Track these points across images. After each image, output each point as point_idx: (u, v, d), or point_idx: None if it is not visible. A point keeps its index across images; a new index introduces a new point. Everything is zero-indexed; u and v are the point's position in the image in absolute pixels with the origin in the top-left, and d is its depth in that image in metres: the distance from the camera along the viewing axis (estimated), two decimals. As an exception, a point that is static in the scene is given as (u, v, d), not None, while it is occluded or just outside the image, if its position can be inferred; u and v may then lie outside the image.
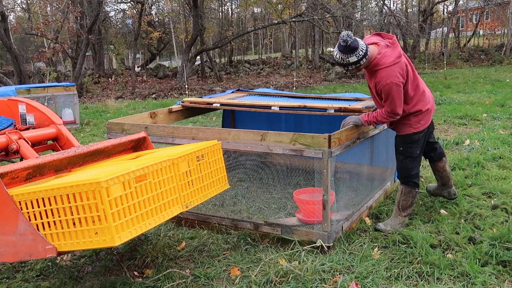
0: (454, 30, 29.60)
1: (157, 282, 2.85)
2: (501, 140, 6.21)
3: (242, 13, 31.71)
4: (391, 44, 3.27)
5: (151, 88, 18.17)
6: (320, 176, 3.11)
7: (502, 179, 4.61)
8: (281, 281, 2.78)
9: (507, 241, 3.10)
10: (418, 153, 3.49)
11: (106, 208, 2.11)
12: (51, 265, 3.18)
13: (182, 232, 3.61)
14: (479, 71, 19.15)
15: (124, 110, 11.89)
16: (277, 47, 44.69)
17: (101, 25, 22.01)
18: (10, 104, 3.96)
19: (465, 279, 2.77)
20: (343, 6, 18.08)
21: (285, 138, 3.17)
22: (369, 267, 2.91)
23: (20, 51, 21.84)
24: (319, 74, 21.84)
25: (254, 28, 22.23)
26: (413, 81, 3.32)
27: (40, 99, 8.87)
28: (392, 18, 22.63)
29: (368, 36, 3.47)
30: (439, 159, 3.82)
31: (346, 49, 3.15)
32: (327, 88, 15.75)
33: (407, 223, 3.56)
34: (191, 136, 3.50)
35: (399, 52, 3.24)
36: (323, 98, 4.66)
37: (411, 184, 3.51)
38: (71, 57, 17.56)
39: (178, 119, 4.54)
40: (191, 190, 2.75)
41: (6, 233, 2.29)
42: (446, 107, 9.60)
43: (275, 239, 3.33)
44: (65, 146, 3.65)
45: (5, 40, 14.56)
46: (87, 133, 8.47)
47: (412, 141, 3.45)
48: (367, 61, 3.22)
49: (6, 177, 2.49)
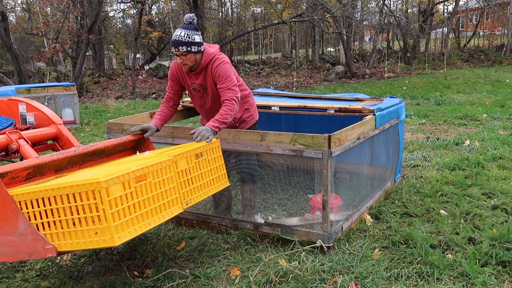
0: (454, 30, 29.61)
1: (157, 282, 2.85)
2: (501, 140, 6.22)
3: (242, 13, 31.71)
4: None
5: (151, 88, 18.18)
6: (320, 177, 3.11)
7: (502, 180, 4.61)
8: (281, 281, 2.78)
9: (507, 241, 3.11)
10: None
11: (106, 208, 2.11)
12: (51, 265, 3.18)
13: (182, 232, 3.61)
14: (479, 71, 19.16)
15: (124, 110, 11.89)
16: (277, 47, 44.69)
17: (101, 25, 22.01)
18: (10, 104, 3.96)
19: (465, 279, 2.77)
20: (343, 6, 18.07)
21: (285, 139, 3.17)
22: (369, 267, 2.91)
23: (20, 51, 21.83)
24: (319, 74, 21.85)
25: (254, 28, 22.25)
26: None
27: (40, 99, 8.87)
28: (392, 18, 22.64)
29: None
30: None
31: (192, 27, 3.19)
32: (327, 88, 15.76)
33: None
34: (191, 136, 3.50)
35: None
36: (323, 98, 4.66)
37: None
38: (71, 57, 17.55)
39: (178, 119, 4.54)
40: (190, 187, 2.76)
41: (6, 233, 2.29)
42: (446, 107, 9.61)
43: (275, 239, 3.33)
44: (65, 146, 3.66)
45: (5, 40, 14.56)
46: (87, 133, 8.47)
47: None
48: (203, 55, 3.26)
49: (6, 177, 2.49)
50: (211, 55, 3.31)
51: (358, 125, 3.48)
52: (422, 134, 7.09)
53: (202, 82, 3.37)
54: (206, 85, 3.38)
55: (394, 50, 29.91)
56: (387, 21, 23.17)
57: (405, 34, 23.21)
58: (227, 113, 3.14)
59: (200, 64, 3.30)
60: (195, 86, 3.42)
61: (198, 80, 3.38)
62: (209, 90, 3.39)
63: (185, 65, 3.26)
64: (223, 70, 3.26)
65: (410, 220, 3.67)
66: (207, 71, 3.33)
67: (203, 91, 3.42)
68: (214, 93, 3.37)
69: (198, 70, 3.33)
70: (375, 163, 4.07)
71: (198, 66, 3.31)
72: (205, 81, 3.36)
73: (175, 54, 3.23)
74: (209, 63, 3.30)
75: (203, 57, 3.29)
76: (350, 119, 4.00)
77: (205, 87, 3.39)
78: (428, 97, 11.54)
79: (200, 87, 3.40)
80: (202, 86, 3.39)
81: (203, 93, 3.42)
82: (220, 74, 3.25)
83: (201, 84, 3.38)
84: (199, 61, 3.29)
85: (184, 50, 3.18)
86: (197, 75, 3.37)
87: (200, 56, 3.28)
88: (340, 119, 4.23)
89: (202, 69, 3.33)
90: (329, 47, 34.67)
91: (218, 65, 3.27)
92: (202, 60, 3.29)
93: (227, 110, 3.15)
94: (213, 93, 3.38)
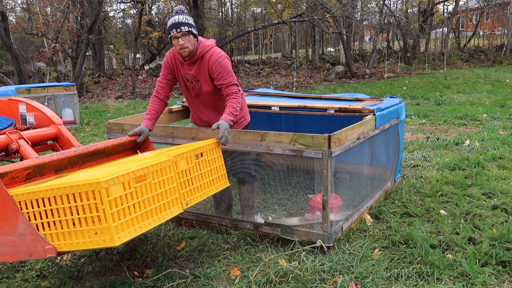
0: (454, 30, 29.62)
1: (157, 282, 2.85)
2: (501, 140, 6.22)
3: (242, 13, 31.71)
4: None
5: (151, 88, 18.17)
6: (320, 177, 3.11)
7: (502, 180, 4.61)
8: (281, 281, 2.78)
9: (507, 241, 3.11)
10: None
11: (106, 208, 2.11)
12: (51, 265, 3.18)
13: (182, 232, 3.61)
14: (479, 71, 19.16)
15: (124, 110, 11.89)
16: (277, 47, 44.69)
17: (101, 25, 22.01)
18: (10, 104, 3.96)
19: (465, 279, 2.76)
20: (343, 6, 18.07)
21: (285, 138, 3.17)
22: (369, 267, 2.91)
23: (20, 51, 21.84)
24: (319, 74, 21.85)
25: (254, 28, 22.24)
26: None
27: (40, 99, 8.88)
28: (392, 18, 22.65)
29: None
30: None
31: (186, 13, 3.25)
32: (327, 88, 15.76)
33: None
34: (191, 136, 3.50)
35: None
36: (323, 98, 4.66)
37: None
38: (71, 57, 17.55)
39: (178, 119, 4.54)
40: (190, 188, 2.76)
41: (6, 233, 2.29)
42: (446, 107, 9.61)
43: (275, 239, 3.33)
44: (65, 146, 3.66)
45: (5, 40, 14.57)
46: (87, 133, 8.47)
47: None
48: (199, 45, 3.28)
49: (6, 177, 2.49)
50: (207, 47, 3.33)
51: (358, 125, 3.49)
52: (422, 134, 7.09)
53: (195, 73, 3.38)
54: (199, 77, 3.38)
55: (394, 50, 29.92)
56: (387, 21, 23.18)
57: (405, 34, 23.20)
58: (236, 105, 3.25)
59: (195, 53, 3.31)
60: (188, 77, 3.42)
61: (192, 71, 3.38)
62: (202, 82, 3.39)
63: (186, 48, 3.23)
64: (224, 65, 3.28)
65: (410, 220, 3.67)
66: (202, 63, 3.33)
67: (195, 83, 3.42)
68: (207, 85, 3.39)
69: (193, 60, 3.33)
70: (375, 163, 4.07)
71: (194, 55, 3.31)
72: (199, 72, 3.36)
73: (176, 36, 3.20)
74: (205, 54, 3.31)
75: (199, 48, 3.30)
76: (350, 119, 4.01)
77: (198, 79, 3.39)
78: (428, 97, 11.54)
79: (193, 78, 3.40)
80: (195, 77, 3.39)
81: (195, 84, 3.43)
82: (221, 70, 3.27)
83: (194, 76, 3.39)
84: (196, 49, 3.30)
85: (186, 30, 3.19)
86: (191, 66, 3.37)
87: (197, 44, 3.30)
88: (340, 119, 4.23)
89: (196, 60, 3.33)
90: (329, 47, 34.67)
91: (217, 59, 3.28)
92: (198, 50, 3.30)
93: (235, 103, 3.25)
94: (206, 85, 3.39)
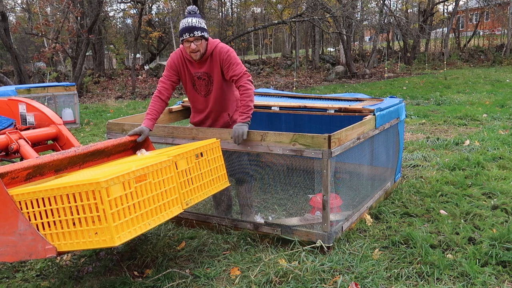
0: (454, 30, 29.61)
1: (157, 282, 2.85)
2: (501, 140, 6.22)
3: (242, 13, 31.71)
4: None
5: (151, 88, 18.17)
6: (320, 177, 3.11)
7: (502, 180, 4.61)
8: (281, 281, 2.78)
9: (507, 241, 3.11)
10: None
11: (106, 208, 2.11)
12: (51, 265, 3.18)
13: (182, 232, 3.61)
14: (479, 71, 19.16)
15: (124, 110, 11.89)
16: (277, 47, 44.69)
17: (101, 25, 22.01)
18: (10, 104, 3.96)
19: (465, 279, 2.76)
20: (343, 6, 18.07)
21: (285, 139, 3.17)
22: (369, 267, 2.91)
23: (20, 51, 21.84)
24: (319, 74, 21.85)
25: (254, 28, 22.25)
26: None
27: (40, 99, 8.88)
28: (392, 18, 22.65)
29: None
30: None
31: (198, 16, 3.34)
32: (327, 88, 15.76)
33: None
34: (191, 136, 3.51)
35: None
36: (323, 98, 4.66)
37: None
38: (71, 57, 17.55)
39: (178, 119, 4.54)
40: (190, 188, 2.76)
41: (6, 233, 2.29)
42: (446, 107, 9.61)
43: (275, 239, 3.33)
44: (65, 146, 3.66)
45: (5, 40, 14.57)
46: (87, 133, 8.47)
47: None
48: (207, 44, 3.38)
49: (6, 177, 2.49)
50: (214, 43, 3.44)
51: (358, 125, 3.49)
52: (422, 134, 7.09)
53: (207, 70, 3.46)
54: (211, 73, 3.47)
55: (394, 50, 29.92)
56: (387, 21, 23.19)
57: (405, 34, 23.20)
58: (246, 101, 3.32)
59: (206, 52, 3.40)
60: (199, 75, 3.49)
61: (203, 69, 3.47)
62: (214, 78, 3.47)
63: (197, 51, 3.34)
64: (233, 57, 3.41)
65: (410, 220, 3.67)
66: (212, 59, 3.42)
67: (208, 79, 3.50)
68: (219, 80, 3.47)
69: (204, 58, 3.42)
70: (375, 163, 4.07)
71: (204, 54, 3.40)
72: (211, 69, 3.45)
73: (189, 40, 3.29)
74: (214, 50, 3.41)
75: (208, 46, 3.41)
76: (350, 119, 4.00)
77: (210, 75, 3.48)
78: (428, 97, 11.54)
79: (205, 75, 3.49)
80: (207, 74, 3.48)
81: (208, 81, 3.50)
82: (231, 62, 3.38)
83: (206, 72, 3.47)
84: (206, 49, 3.40)
85: (199, 35, 3.28)
86: (201, 64, 3.46)
87: (207, 45, 3.39)
88: (340, 119, 4.23)
89: (207, 58, 3.43)
90: (329, 47, 34.67)
91: (227, 51, 3.40)
92: (207, 49, 3.40)
93: (245, 99, 3.33)
94: (218, 80, 3.47)
